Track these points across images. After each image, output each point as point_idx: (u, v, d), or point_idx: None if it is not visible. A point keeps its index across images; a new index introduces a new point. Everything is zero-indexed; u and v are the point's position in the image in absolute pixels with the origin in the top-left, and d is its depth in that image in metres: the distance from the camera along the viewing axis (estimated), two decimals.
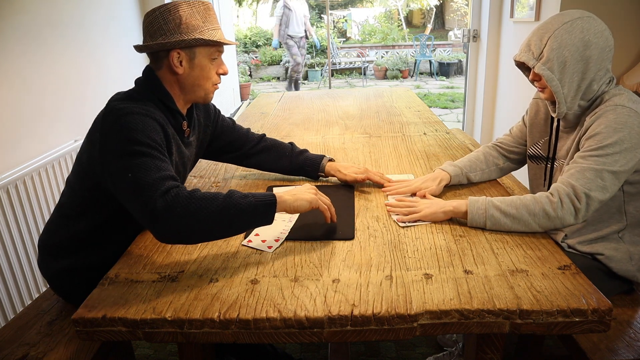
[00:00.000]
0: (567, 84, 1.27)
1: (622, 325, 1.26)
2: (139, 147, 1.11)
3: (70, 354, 1.22)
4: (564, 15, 1.27)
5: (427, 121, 2.40)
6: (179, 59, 1.25)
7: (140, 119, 1.16)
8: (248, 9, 15.37)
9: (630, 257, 1.33)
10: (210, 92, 1.34)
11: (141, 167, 1.09)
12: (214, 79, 1.33)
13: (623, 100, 1.23)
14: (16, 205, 1.97)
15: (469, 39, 3.72)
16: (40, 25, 2.21)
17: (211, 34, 1.26)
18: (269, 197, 1.13)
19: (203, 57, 1.27)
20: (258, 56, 11.06)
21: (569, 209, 1.18)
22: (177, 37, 1.22)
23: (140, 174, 1.08)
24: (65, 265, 1.34)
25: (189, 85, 1.30)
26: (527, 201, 1.21)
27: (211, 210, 1.05)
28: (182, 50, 1.24)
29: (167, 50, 1.24)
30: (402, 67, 10.34)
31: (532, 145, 1.54)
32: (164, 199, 1.04)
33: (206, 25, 1.26)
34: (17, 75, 2.06)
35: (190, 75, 1.28)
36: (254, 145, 1.63)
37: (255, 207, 1.09)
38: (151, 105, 1.24)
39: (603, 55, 1.25)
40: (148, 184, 1.06)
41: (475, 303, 0.93)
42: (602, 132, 1.22)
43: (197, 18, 1.24)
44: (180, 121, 1.34)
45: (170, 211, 1.03)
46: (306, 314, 0.92)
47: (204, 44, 1.25)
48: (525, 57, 1.31)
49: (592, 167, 1.20)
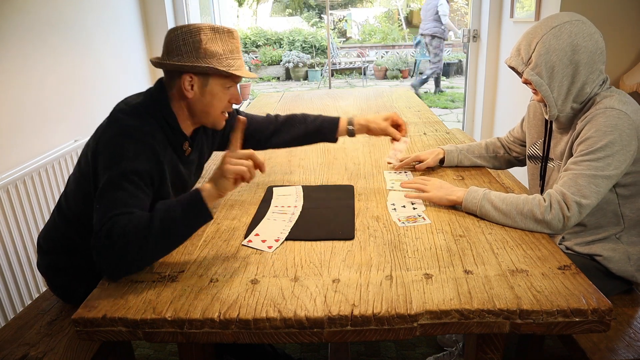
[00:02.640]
0: (557, 88, 1.28)
1: (622, 325, 1.26)
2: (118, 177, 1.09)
3: (70, 354, 1.22)
4: (553, 19, 1.28)
5: (427, 121, 2.40)
6: (190, 83, 1.22)
7: (136, 145, 1.14)
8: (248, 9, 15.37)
9: (628, 258, 1.33)
10: (219, 120, 1.31)
11: (111, 198, 1.07)
12: (225, 107, 1.29)
13: (613, 102, 1.23)
14: (16, 205, 1.97)
15: (469, 39, 3.72)
16: (40, 26, 2.21)
17: (228, 64, 1.21)
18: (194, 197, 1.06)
19: (216, 85, 1.24)
20: (258, 56, 11.06)
21: (557, 215, 1.19)
22: (192, 62, 1.19)
23: (105, 204, 1.06)
24: (64, 264, 1.35)
25: (198, 111, 1.27)
26: (519, 200, 1.23)
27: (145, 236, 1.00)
28: (196, 75, 1.21)
29: (179, 72, 1.21)
30: (402, 67, 10.34)
31: (530, 145, 1.54)
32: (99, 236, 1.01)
33: (226, 54, 1.21)
34: (18, 75, 2.06)
35: (200, 100, 1.24)
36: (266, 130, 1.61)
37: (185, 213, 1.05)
38: (154, 123, 1.21)
39: (594, 58, 1.25)
40: (103, 217, 1.03)
41: (475, 303, 0.93)
42: (592, 136, 1.22)
43: (217, 45, 1.20)
44: (181, 141, 1.31)
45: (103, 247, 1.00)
46: (306, 314, 0.92)
47: (217, 73, 1.22)
48: (515, 62, 1.33)
49: (584, 173, 1.21)
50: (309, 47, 11.34)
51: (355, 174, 1.67)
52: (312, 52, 11.20)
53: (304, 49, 11.29)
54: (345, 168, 1.74)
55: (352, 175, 1.67)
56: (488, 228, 1.23)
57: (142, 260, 1.05)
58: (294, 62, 10.56)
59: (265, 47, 11.26)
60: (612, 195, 1.31)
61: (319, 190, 1.52)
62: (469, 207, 1.30)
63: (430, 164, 1.64)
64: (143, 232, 1.01)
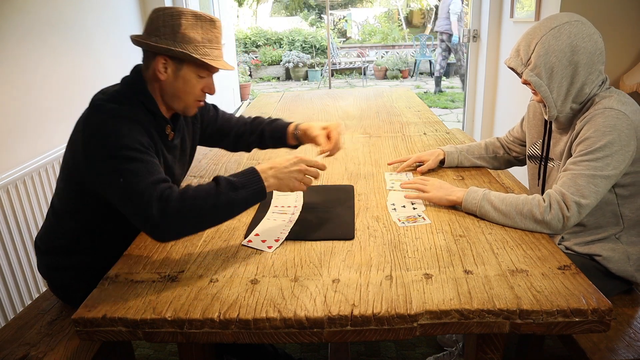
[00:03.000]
0: (556, 88, 1.28)
1: (622, 325, 1.26)
2: (128, 152, 1.10)
3: (70, 354, 1.22)
4: (552, 20, 1.28)
5: (427, 121, 2.40)
6: (164, 66, 1.22)
7: (126, 123, 1.14)
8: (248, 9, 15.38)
9: (628, 258, 1.33)
10: (190, 107, 1.30)
11: (133, 173, 1.09)
12: (197, 95, 1.28)
13: (612, 102, 1.24)
14: (16, 205, 1.97)
15: (469, 39, 3.72)
16: (40, 26, 2.21)
17: (204, 52, 1.21)
18: (256, 186, 1.13)
19: (189, 72, 1.23)
20: (258, 56, 11.06)
21: (557, 216, 1.19)
22: (168, 45, 1.19)
23: (132, 180, 1.08)
24: (61, 265, 1.35)
25: (169, 94, 1.26)
26: (518, 200, 1.24)
27: (205, 209, 1.07)
28: (170, 59, 1.21)
29: (155, 53, 1.21)
30: (402, 67, 10.34)
31: (530, 145, 1.54)
32: (158, 205, 1.05)
33: (204, 42, 1.21)
34: (18, 75, 2.06)
35: (172, 84, 1.24)
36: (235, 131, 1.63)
37: (247, 200, 1.12)
38: (135, 108, 1.22)
39: (593, 58, 1.25)
40: (141, 191, 1.07)
41: (475, 303, 0.93)
42: (591, 136, 1.22)
43: (197, 32, 1.20)
44: (163, 125, 1.30)
45: (166, 217, 1.05)
46: (306, 314, 0.92)
47: (191, 60, 1.21)
48: (515, 63, 1.33)
49: (583, 173, 1.21)
50: (309, 47, 11.34)
51: (355, 174, 1.67)
52: (312, 52, 11.20)
53: (304, 49, 11.30)
54: (345, 168, 1.74)
55: (352, 175, 1.67)
56: (488, 228, 1.23)
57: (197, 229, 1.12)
58: (294, 62, 10.56)
59: (265, 47, 11.27)
60: (611, 196, 1.31)
61: (319, 190, 1.52)
62: (469, 208, 1.30)
63: (431, 166, 1.64)
64: (205, 202, 1.07)
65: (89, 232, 1.32)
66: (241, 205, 1.12)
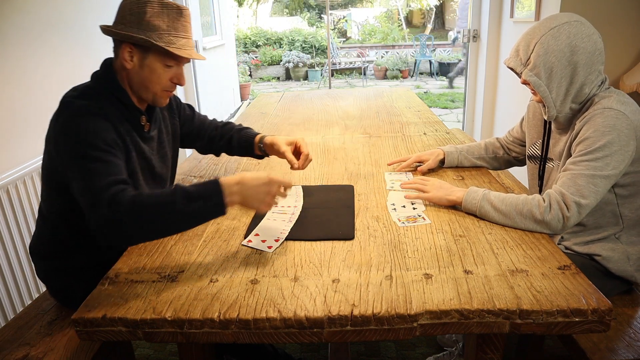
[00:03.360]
0: (555, 89, 1.28)
1: (622, 325, 1.26)
2: (89, 150, 1.09)
3: (70, 354, 1.22)
4: (551, 20, 1.28)
5: (427, 121, 2.40)
6: (130, 54, 1.20)
7: (91, 120, 1.13)
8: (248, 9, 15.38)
9: (627, 258, 1.33)
10: (159, 97, 1.27)
11: (92, 172, 1.07)
12: (164, 85, 1.25)
13: (611, 102, 1.24)
14: (16, 205, 1.97)
15: (469, 39, 3.72)
16: (40, 26, 2.21)
17: (169, 41, 1.19)
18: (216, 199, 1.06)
19: (155, 61, 1.21)
20: (258, 56, 11.07)
21: (557, 216, 1.19)
22: (132, 32, 1.17)
23: (90, 180, 1.07)
24: (58, 269, 1.34)
25: (137, 84, 1.25)
26: (518, 200, 1.24)
27: (155, 217, 1.03)
28: (135, 47, 1.19)
29: (120, 41, 1.21)
30: (402, 67, 10.35)
31: (530, 145, 1.55)
32: (109, 207, 1.02)
33: (169, 30, 1.19)
34: (18, 75, 2.06)
35: (138, 73, 1.23)
36: (208, 134, 1.62)
37: (202, 214, 1.06)
38: (106, 102, 1.20)
39: (592, 58, 1.25)
40: (96, 191, 1.05)
41: (475, 303, 0.93)
42: (591, 136, 1.22)
43: (162, 20, 1.19)
44: (137, 116, 1.29)
45: (113, 220, 1.02)
46: (306, 314, 0.92)
47: (155, 48, 1.19)
48: (514, 63, 1.33)
49: (583, 173, 1.21)
50: (309, 47, 11.35)
51: (355, 174, 1.67)
52: (312, 52, 11.21)
53: (304, 49, 11.30)
54: (345, 168, 1.74)
55: (352, 175, 1.67)
56: (488, 228, 1.23)
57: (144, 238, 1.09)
58: (294, 62, 10.56)
59: (265, 47, 11.27)
60: (610, 196, 1.31)
61: (319, 190, 1.52)
62: (469, 208, 1.30)
63: (431, 166, 1.64)
64: (156, 210, 1.02)
65: (79, 233, 1.30)
66: (196, 218, 1.07)
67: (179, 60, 1.24)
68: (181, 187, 1.06)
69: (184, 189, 1.05)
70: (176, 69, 1.25)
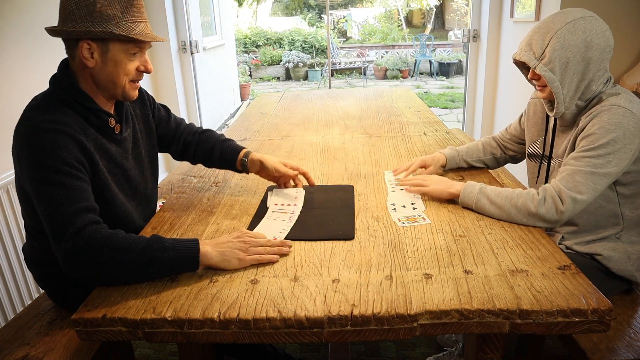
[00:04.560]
0: (567, 84, 1.27)
1: (622, 325, 1.26)
2: (49, 174, 1.04)
3: (70, 354, 1.22)
4: (566, 14, 1.26)
5: (427, 121, 2.40)
6: (89, 51, 1.12)
7: (51, 137, 1.06)
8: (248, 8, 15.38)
9: (628, 257, 1.33)
10: (128, 90, 1.20)
11: (52, 199, 1.02)
12: (131, 75, 1.19)
13: (619, 100, 1.23)
14: (16, 205, 1.97)
15: (469, 39, 3.72)
16: (41, 26, 2.21)
17: (128, 28, 1.12)
18: (191, 253, 1.05)
19: (118, 52, 1.14)
20: (258, 56, 11.07)
21: (551, 209, 1.20)
22: (87, 27, 1.09)
23: (51, 208, 1.02)
24: (53, 275, 1.31)
25: (103, 81, 1.17)
26: (514, 194, 1.25)
27: (125, 261, 1.01)
28: (93, 42, 1.11)
29: (75, 39, 1.12)
30: (402, 67, 10.35)
31: (530, 144, 1.54)
32: (75, 241, 0.99)
33: (125, 16, 1.12)
34: (18, 75, 2.06)
35: (102, 70, 1.15)
36: (184, 139, 1.53)
37: (172, 263, 1.04)
38: (68, 109, 1.14)
39: (603, 55, 1.25)
40: (59, 220, 1.01)
41: (475, 303, 0.93)
42: (595, 132, 1.22)
43: (115, 7, 1.11)
44: (104, 119, 1.21)
45: (80, 255, 0.99)
46: (306, 314, 0.92)
47: (116, 38, 1.12)
48: (527, 57, 1.30)
49: (582, 169, 1.21)
50: (309, 47, 11.35)
51: (355, 174, 1.67)
52: (312, 52, 11.21)
53: (304, 49, 11.30)
54: (345, 168, 1.74)
55: (352, 175, 1.67)
56: (488, 228, 1.23)
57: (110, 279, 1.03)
58: (294, 62, 10.57)
59: (265, 47, 11.27)
60: (612, 195, 1.31)
61: (319, 190, 1.52)
62: (466, 202, 1.31)
63: (433, 172, 1.62)
64: (127, 254, 1.00)
65: None
66: (165, 266, 1.04)
67: (142, 46, 1.18)
68: (157, 237, 1.05)
69: (159, 238, 1.05)
70: (140, 55, 1.19)
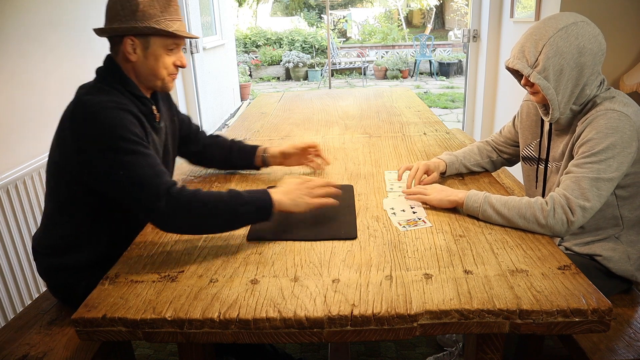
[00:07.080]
0: (562, 91, 1.26)
1: (622, 325, 1.26)
2: (124, 144, 1.13)
3: (70, 354, 1.22)
4: (557, 20, 1.25)
5: (427, 121, 2.40)
6: (132, 46, 1.25)
7: (117, 114, 1.16)
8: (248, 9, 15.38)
9: (628, 257, 1.33)
10: (167, 82, 1.33)
11: (133, 165, 1.12)
12: (169, 69, 1.31)
13: (614, 104, 1.23)
14: (16, 205, 1.97)
15: (469, 39, 3.72)
16: (40, 26, 2.21)
17: (167, 25, 1.24)
18: (266, 203, 1.17)
19: (158, 47, 1.26)
20: (258, 56, 11.06)
21: (561, 219, 1.18)
22: (131, 24, 1.22)
23: (133, 172, 1.12)
24: (59, 266, 1.34)
25: (144, 74, 1.29)
26: (521, 204, 1.22)
27: (212, 214, 1.13)
28: (136, 38, 1.24)
29: (120, 36, 1.24)
30: (402, 67, 10.35)
31: (525, 147, 1.53)
32: (167, 199, 1.10)
33: (164, 15, 1.24)
34: (18, 75, 2.06)
35: (144, 64, 1.27)
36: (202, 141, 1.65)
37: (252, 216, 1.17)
38: (120, 95, 1.24)
39: (596, 60, 1.24)
40: (146, 183, 1.11)
41: (475, 303, 0.93)
42: (594, 138, 1.21)
43: (155, 7, 1.23)
44: (149, 106, 1.33)
45: (174, 212, 1.11)
46: (306, 314, 0.92)
47: (157, 34, 1.24)
48: (520, 65, 1.28)
49: (586, 176, 1.20)
50: (309, 47, 11.34)
51: (355, 174, 1.67)
52: (312, 52, 11.21)
53: (304, 49, 11.30)
54: (345, 168, 1.74)
55: (352, 175, 1.67)
56: (488, 228, 1.23)
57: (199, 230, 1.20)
58: (294, 62, 10.56)
59: (265, 47, 11.27)
60: (611, 197, 1.30)
61: None
62: (470, 211, 1.29)
63: (435, 179, 1.55)
64: (213, 208, 1.13)
65: (84, 232, 1.31)
66: (245, 218, 1.17)
67: (178, 42, 1.30)
68: (235, 190, 1.18)
69: (237, 192, 1.17)
70: (176, 51, 1.31)
